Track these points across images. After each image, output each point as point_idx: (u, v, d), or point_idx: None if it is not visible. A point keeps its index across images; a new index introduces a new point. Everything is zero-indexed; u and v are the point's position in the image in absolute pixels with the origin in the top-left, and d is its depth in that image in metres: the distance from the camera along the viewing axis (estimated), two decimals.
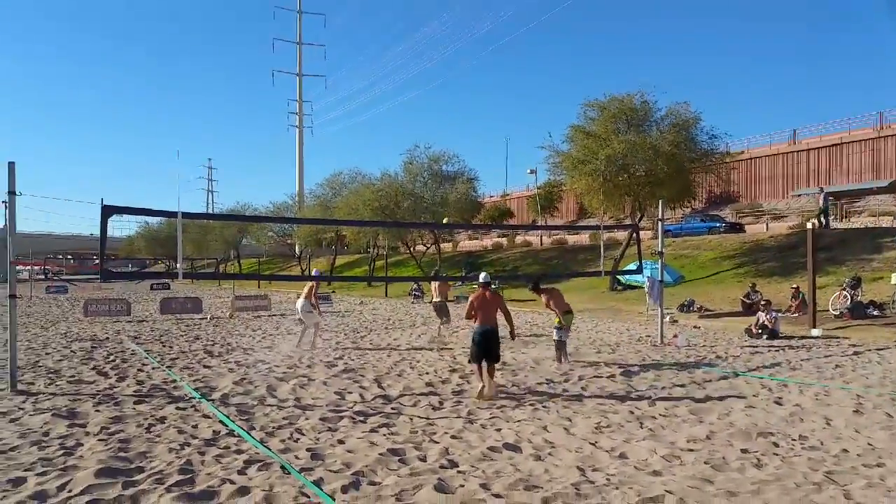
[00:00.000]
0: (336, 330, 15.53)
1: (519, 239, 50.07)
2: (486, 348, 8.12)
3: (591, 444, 5.90)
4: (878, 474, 4.97)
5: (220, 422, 6.71)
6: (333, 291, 34.62)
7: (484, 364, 8.08)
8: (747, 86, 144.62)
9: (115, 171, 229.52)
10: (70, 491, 4.65)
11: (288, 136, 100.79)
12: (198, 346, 13.24)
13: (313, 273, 16.62)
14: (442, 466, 5.18)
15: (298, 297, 13.58)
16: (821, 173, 40.23)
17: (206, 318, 20.61)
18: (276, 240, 55.25)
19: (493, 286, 9.06)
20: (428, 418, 6.91)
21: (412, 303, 28.69)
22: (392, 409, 7.39)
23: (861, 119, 40.54)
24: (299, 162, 76.00)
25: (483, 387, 7.89)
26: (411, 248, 40.60)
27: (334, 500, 4.41)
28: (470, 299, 8.50)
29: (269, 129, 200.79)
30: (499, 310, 8.50)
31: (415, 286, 31.14)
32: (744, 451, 5.64)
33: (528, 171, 48.57)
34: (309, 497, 4.49)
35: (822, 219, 29.63)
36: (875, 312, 16.32)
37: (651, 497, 4.43)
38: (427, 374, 9.78)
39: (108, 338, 14.92)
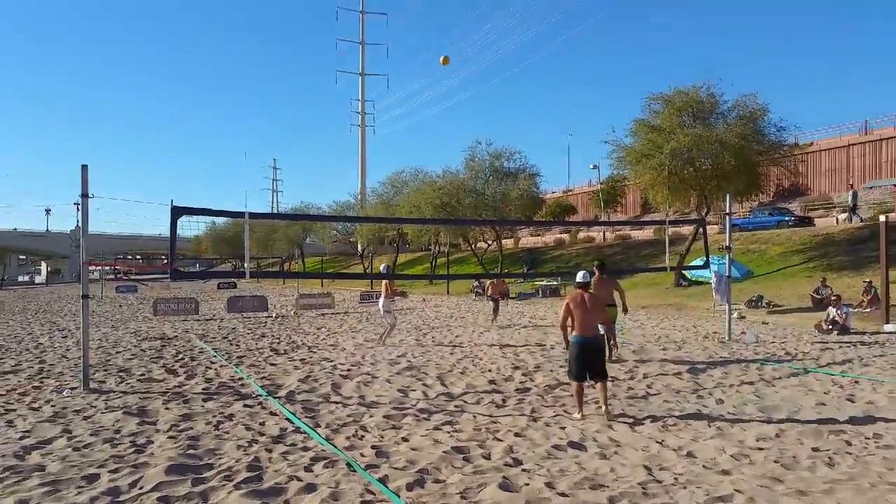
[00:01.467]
0: (399, 328, 15.79)
1: (581, 235, 49.54)
2: (587, 363, 6.86)
3: (657, 442, 5.86)
4: None
5: (287, 419, 6.91)
6: (403, 293, 35.09)
7: (589, 382, 7.04)
8: (817, 77, 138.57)
9: (184, 173, 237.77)
10: (142, 488, 4.78)
11: (351, 135, 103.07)
12: (264, 344, 13.67)
13: (381, 269, 16.76)
14: (506, 465, 5.24)
15: (379, 297, 13.62)
16: (893, 164, 38.32)
17: (272, 317, 21.23)
18: (339, 238, 56.23)
19: (555, 284, 8.84)
20: (491, 416, 6.97)
21: (474, 300, 28.80)
22: (455, 406, 7.48)
23: None
24: (362, 161, 77.34)
25: (581, 415, 6.78)
26: (472, 245, 40.72)
27: (399, 497, 4.51)
28: (566, 302, 7.19)
29: (332, 129, 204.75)
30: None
31: (476, 283, 31.25)
32: (815, 449, 5.52)
33: (591, 166, 48.11)
34: (374, 494, 4.60)
35: (851, 214, 28.73)
36: None
37: (720, 496, 4.39)
38: (490, 371, 9.85)
39: (176, 336, 15.50)
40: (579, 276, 7.41)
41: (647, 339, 13.42)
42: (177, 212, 9.22)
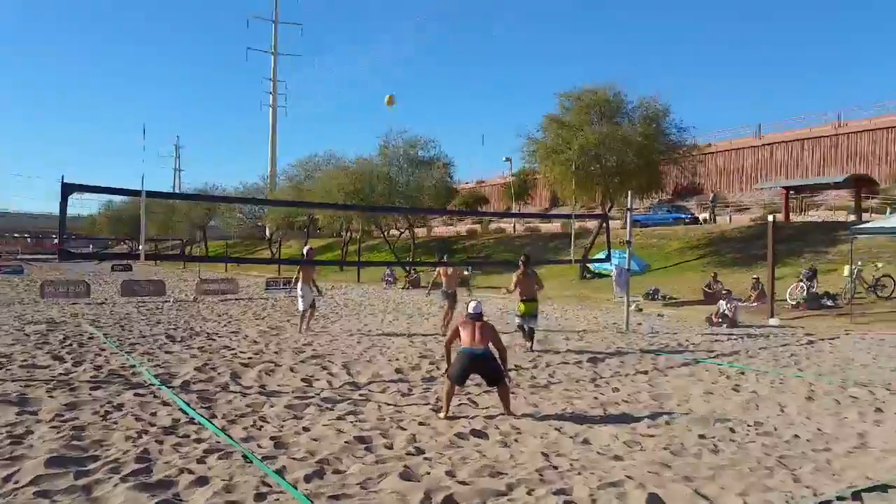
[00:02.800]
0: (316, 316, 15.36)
1: (493, 226, 50.25)
2: (469, 371, 6.51)
3: (556, 429, 6.01)
4: (825, 458, 5.18)
5: (181, 409, 6.60)
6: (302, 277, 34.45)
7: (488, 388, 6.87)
8: (715, 81, 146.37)
9: (79, 148, 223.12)
10: (17, 482, 4.46)
11: (261, 115, 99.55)
12: (159, 331, 13.03)
13: (305, 251, 16.07)
14: (408, 454, 5.23)
15: (297, 282, 13.11)
16: (782, 167, 41.05)
17: (170, 302, 20.34)
18: (246, 222, 54.58)
19: (467, 271, 8.91)
20: (396, 405, 6.95)
21: (384, 288, 28.72)
22: (360, 395, 7.41)
23: (821, 116, 41.47)
24: (272, 143, 74.92)
25: (445, 415, 6.41)
26: (385, 233, 40.52)
27: (297, 488, 4.41)
28: (456, 324, 6.97)
29: (242, 109, 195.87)
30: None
31: (388, 271, 31.16)
32: (701, 436, 5.81)
33: (504, 159, 48.73)
34: (271, 486, 4.47)
35: (712, 215, 31.42)
36: (829, 303, 16.83)
37: (612, 482, 4.54)
38: (397, 360, 9.82)
39: (64, 321, 14.54)
40: (471, 308, 6.91)
41: (552, 329, 13.78)
42: (67, 189, 8.64)
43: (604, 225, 18.38)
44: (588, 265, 26.11)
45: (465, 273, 12.47)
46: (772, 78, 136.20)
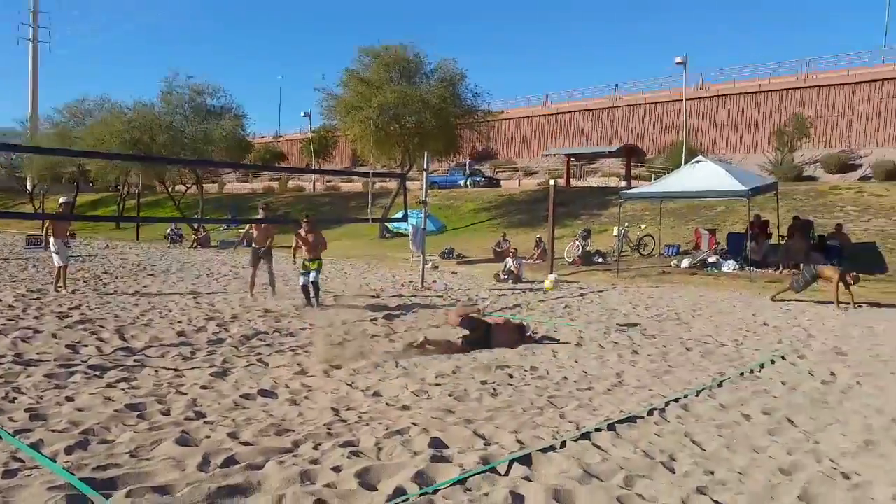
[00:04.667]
0: (74, 277, 13.87)
1: (291, 183, 48.93)
2: None
3: (348, 385, 6.03)
4: (588, 397, 5.77)
5: None
6: (73, 234, 30.95)
7: None
8: (511, 52, 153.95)
9: None
10: None
11: (18, 50, 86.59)
12: None
13: (61, 201, 14.21)
14: (187, 419, 4.92)
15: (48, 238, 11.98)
16: (567, 136, 44.60)
17: None
18: (2, 172, 47.68)
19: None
20: (176, 369, 6.52)
21: (169, 247, 26.75)
22: (135, 361, 6.82)
23: (601, 89, 45.56)
24: (33, 82, 65.36)
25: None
26: (170, 188, 37.60)
27: (56, 462, 3.97)
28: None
29: None
30: None
31: (173, 228, 29.03)
32: (483, 382, 6.18)
33: (302, 113, 47.38)
34: (24, 462, 3.98)
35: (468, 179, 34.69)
36: (600, 260, 18.78)
37: (398, 430, 4.67)
38: (180, 322, 9.20)
39: None
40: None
41: (350, 288, 13.80)
42: None
43: (402, 185, 18.76)
44: (387, 225, 26.49)
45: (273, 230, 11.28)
46: (559, 49, 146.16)
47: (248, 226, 13.57)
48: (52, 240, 12.03)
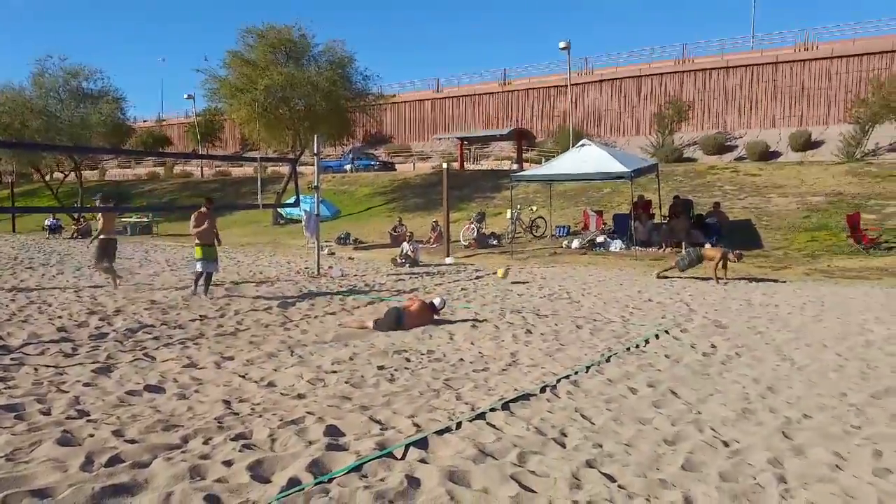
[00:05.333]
0: None
1: (178, 169, 46.75)
2: None
3: (241, 376, 5.91)
4: (483, 377, 5.92)
5: None
6: None
7: None
8: (398, 33, 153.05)
9: None
10: None
11: None
12: None
13: (97, 203, 12.87)
14: (69, 418, 4.68)
15: None
16: (458, 120, 45.06)
17: None
18: None
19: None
20: (57, 367, 6.16)
21: (47, 238, 25.02)
22: (12, 360, 6.40)
23: (491, 73, 46.31)
24: None
25: None
26: (47, 176, 35.05)
27: None
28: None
29: None
30: None
31: (51, 219, 27.27)
32: (380, 367, 6.23)
33: (185, 96, 45.19)
34: None
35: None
36: (495, 242, 19.25)
37: (293, 419, 4.63)
38: (60, 318, 8.68)
39: None
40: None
41: (243, 276, 13.44)
42: None
43: (293, 170, 18.43)
44: (280, 211, 25.92)
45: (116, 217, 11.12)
46: (450, 34, 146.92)
47: (99, 217, 12.08)
48: None
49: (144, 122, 56.09)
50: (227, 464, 3.84)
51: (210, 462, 3.86)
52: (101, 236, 11.48)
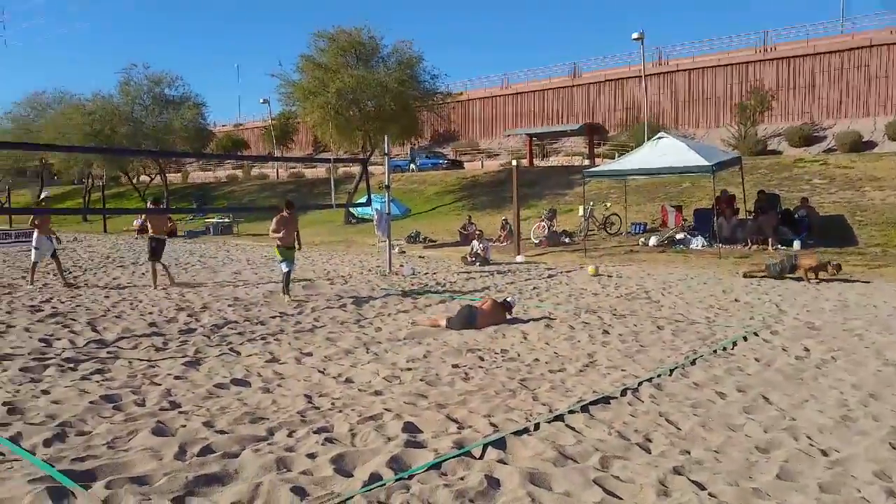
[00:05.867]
0: (44, 270, 13.53)
1: (255, 171, 48.29)
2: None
3: (320, 371, 6.09)
4: (560, 378, 5.86)
5: None
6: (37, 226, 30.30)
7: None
8: (466, 31, 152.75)
9: None
10: None
11: None
12: None
13: (42, 196, 14.12)
14: (162, 409, 4.95)
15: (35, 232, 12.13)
16: (527, 116, 44.67)
17: None
18: None
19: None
20: (150, 360, 6.52)
21: (136, 238, 26.34)
22: (108, 353, 6.81)
23: (560, 68, 45.69)
24: None
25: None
26: (134, 179, 36.99)
27: (35, 454, 3.99)
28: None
29: None
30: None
31: (139, 219, 28.71)
32: (455, 366, 6.27)
33: (261, 100, 46.62)
34: (4, 455, 4.00)
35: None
36: (567, 240, 19.01)
37: (371, 416, 4.75)
38: (150, 314, 9.16)
39: None
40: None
41: (318, 275, 13.79)
42: None
43: (364, 170, 18.87)
44: (352, 210, 26.43)
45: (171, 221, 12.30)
46: (517, 29, 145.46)
47: (143, 219, 13.15)
48: (35, 234, 12.01)
49: (223, 126, 58.19)
50: (311, 456, 3.97)
51: (295, 455, 4.00)
52: (151, 236, 12.25)
